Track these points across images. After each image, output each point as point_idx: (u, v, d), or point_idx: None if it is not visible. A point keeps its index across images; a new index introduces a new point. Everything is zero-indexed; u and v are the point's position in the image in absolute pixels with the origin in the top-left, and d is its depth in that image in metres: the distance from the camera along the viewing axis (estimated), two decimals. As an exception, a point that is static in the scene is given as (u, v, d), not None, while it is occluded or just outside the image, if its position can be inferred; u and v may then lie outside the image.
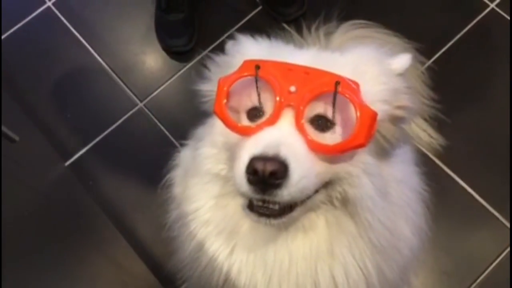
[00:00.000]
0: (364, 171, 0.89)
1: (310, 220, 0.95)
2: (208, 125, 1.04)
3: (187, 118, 1.97)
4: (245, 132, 0.88)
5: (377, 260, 0.97)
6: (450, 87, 1.90)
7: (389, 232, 0.97)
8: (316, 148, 0.85)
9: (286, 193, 0.81)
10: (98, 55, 2.14)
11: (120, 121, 2.01)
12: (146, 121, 2.01)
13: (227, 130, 0.90)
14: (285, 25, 2.10)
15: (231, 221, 0.99)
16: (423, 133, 1.81)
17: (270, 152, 0.80)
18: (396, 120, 0.92)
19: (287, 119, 0.85)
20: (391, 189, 0.96)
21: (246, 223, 0.98)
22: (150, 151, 1.97)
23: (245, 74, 0.88)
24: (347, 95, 0.84)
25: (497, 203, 1.81)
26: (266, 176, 0.79)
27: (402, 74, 0.93)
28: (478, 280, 1.71)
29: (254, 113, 0.92)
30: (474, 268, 1.73)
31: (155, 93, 2.06)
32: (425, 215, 1.13)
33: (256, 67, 0.87)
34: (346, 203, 0.91)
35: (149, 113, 2.03)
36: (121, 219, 1.81)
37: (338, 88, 0.83)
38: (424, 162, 1.27)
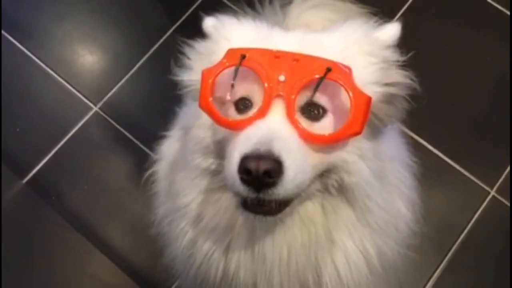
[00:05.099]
0: (360, 156, 0.86)
1: (306, 209, 0.92)
2: (191, 114, 0.98)
3: (147, 116, 1.91)
4: (234, 127, 0.83)
5: (377, 241, 0.97)
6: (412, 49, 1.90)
7: (387, 213, 0.96)
8: (310, 139, 0.81)
9: (282, 190, 0.77)
10: (41, 60, 2.00)
11: (75, 129, 1.90)
12: (103, 125, 1.91)
13: (215, 124, 0.85)
14: (232, 6, 2.01)
15: (224, 216, 0.95)
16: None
17: (262, 148, 0.75)
18: (389, 99, 0.89)
19: (278, 110, 0.81)
20: (386, 169, 0.94)
21: (241, 217, 0.94)
22: (112, 156, 1.88)
23: (230, 64, 0.82)
24: (340, 82, 0.80)
25: (464, 161, 1.83)
26: (260, 175, 0.75)
27: (391, 46, 0.89)
28: (459, 239, 1.74)
29: (243, 104, 0.86)
30: (453, 228, 1.76)
31: (109, 94, 1.95)
32: (416, 188, 1.13)
33: (241, 57, 0.81)
34: (343, 190, 0.89)
35: (105, 116, 1.92)
36: (93, 231, 1.72)
37: (329, 74, 0.79)
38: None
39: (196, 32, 0.96)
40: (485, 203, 1.78)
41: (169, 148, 1.14)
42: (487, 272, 1.70)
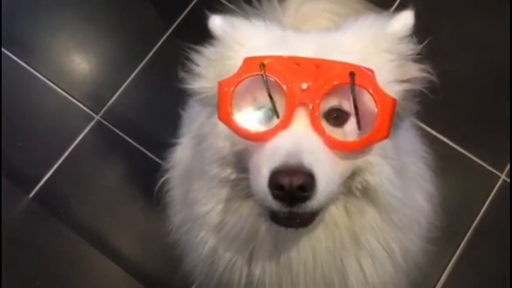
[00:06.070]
0: (383, 157, 0.85)
1: (330, 213, 0.90)
2: (206, 122, 0.95)
3: (150, 121, 1.89)
4: (257, 139, 0.80)
5: (400, 238, 0.96)
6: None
7: (409, 209, 0.96)
8: (337, 147, 0.79)
9: (315, 203, 0.76)
10: (37, 72, 1.97)
11: (78, 139, 1.87)
12: (107, 134, 1.88)
13: (233, 134, 0.82)
14: (229, 4, 1.98)
15: (246, 224, 0.93)
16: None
17: (292, 161, 0.73)
18: (408, 94, 0.87)
19: (301, 119, 0.78)
20: (405, 164, 0.94)
21: (263, 224, 0.93)
22: (117, 164, 1.85)
23: (251, 74, 0.79)
24: (367, 87, 0.77)
25: (472, 147, 1.82)
26: (294, 190, 0.73)
27: (405, 36, 0.87)
28: (472, 227, 1.73)
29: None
30: (466, 216, 1.75)
31: (110, 102, 1.92)
32: (432, 179, 1.12)
33: (261, 66, 0.78)
34: (366, 191, 0.87)
35: (108, 124, 1.89)
36: (105, 243, 1.70)
37: (354, 80, 0.77)
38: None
39: (194, 33, 0.94)
40: (495, 188, 1.77)
41: (181, 155, 1.13)
42: (502, 258, 1.68)
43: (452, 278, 1.68)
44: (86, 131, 1.88)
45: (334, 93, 0.80)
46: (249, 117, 0.83)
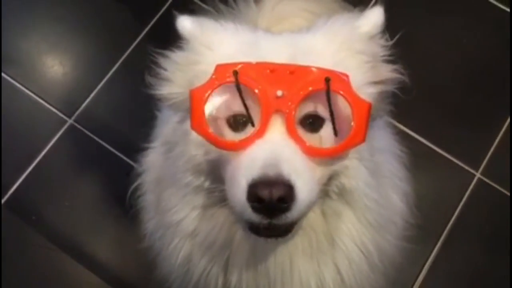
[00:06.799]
0: (359, 160, 0.84)
1: (307, 217, 0.88)
2: (176, 127, 0.93)
3: (125, 124, 1.86)
4: (232, 148, 0.78)
5: (376, 238, 0.96)
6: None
7: (385, 209, 0.95)
8: (315, 154, 0.78)
9: (295, 213, 0.74)
10: (8, 75, 1.92)
11: (51, 144, 1.83)
12: (80, 138, 1.84)
13: (206, 143, 0.80)
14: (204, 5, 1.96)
15: (221, 232, 0.92)
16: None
17: (271, 172, 0.72)
18: (380, 96, 0.87)
19: (277, 127, 0.76)
20: (378, 164, 0.94)
21: (239, 231, 0.91)
22: (91, 168, 1.82)
23: (223, 82, 0.77)
24: (341, 92, 0.76)
25: (448, 146, 1.83)
26: (274, 202, 0.71)
27: (376, 35, 0.86)
28: (449, 224, 1.74)
29: (237, 120, 0.82)
30: (442, 214, 1.76)
31: (83, 105, 1.89)
32: (407, 178, 1.12)
33: (234, 73, 0.76)
34: (342, 193, 0.87)
35: (81, 128, 1.86)
36: (80, 250, 1.66)
37: (329, 85, 0.75)
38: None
39: (169, 35, 0.91)
40: (471, 186, 1.79)
41: (154, 159, 1.10)
42: (480, 254, 1.70)
43: (430, 275, 1.69)
44: (59, 135, 1.84)
45: (309, 99, 0.78)
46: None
